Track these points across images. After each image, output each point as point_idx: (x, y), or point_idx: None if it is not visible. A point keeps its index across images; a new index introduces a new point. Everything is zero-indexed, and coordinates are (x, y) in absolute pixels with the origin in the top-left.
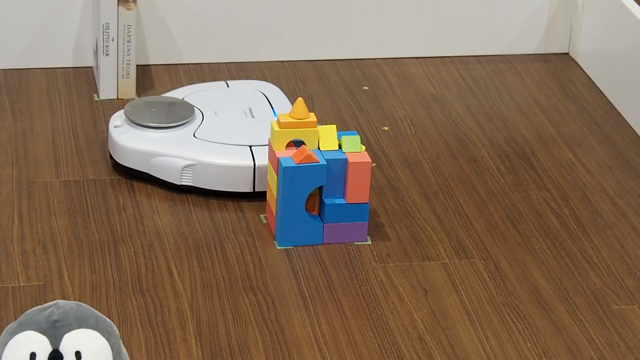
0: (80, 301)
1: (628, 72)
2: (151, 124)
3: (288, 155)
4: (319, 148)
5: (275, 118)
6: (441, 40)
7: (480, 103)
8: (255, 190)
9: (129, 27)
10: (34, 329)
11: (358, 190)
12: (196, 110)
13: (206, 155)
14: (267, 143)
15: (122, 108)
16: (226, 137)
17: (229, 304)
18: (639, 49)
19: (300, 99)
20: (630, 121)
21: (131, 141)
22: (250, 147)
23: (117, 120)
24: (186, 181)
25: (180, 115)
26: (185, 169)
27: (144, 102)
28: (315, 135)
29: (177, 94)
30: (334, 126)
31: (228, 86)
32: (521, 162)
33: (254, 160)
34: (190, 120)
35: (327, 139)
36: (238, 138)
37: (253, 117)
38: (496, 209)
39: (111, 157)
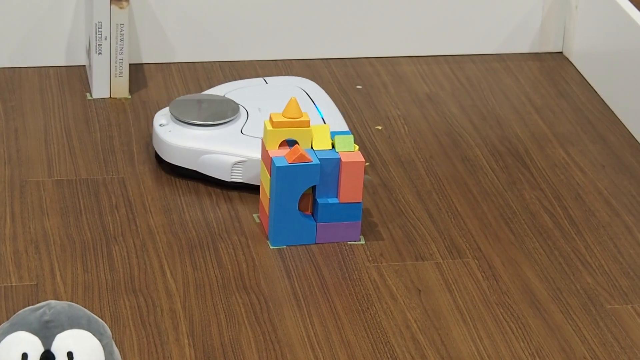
0: (72, 301)
1: (622, 72)
2: (198, 122)
3: (281, 155)
4: (312, 147)
5: (320, 115)
6: (435, 39)
7: (474, 102)
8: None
9: (122, 25)
10: (26, 329)
11: (351, 190)
12: (240, 107)
13: (257, 152)
14: None
15: (165, 106)
16: None
17: (222, 304)
18: (632, 48)
19: (293, 98)
20: (624, 121)
21: (179, 139)
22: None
23: (162, 118)
24: (236, 178)
25: (225, 112)
26: (235, 165)
27: (187, 100)
28: (309, 135)
29: (216, 91)
30: (327, 125)
31: (267, 83)
32: (515, 161)
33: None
34: (236, 117)
35: (320, 138)
36: None
37: None
38: (489, 209)
39: (156, 156)
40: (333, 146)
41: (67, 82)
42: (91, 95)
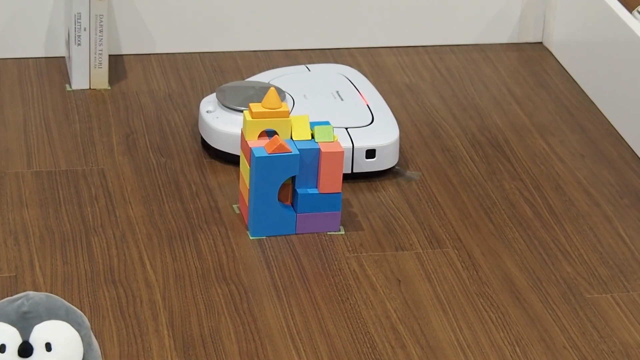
0: (51, 292)
1: (601, 62)
2: (246, 108)
3: (261, 145)
4: (291, 138)
5: (365, 102)
6: (415, 29)
7: (454, 92)
8: (353, 171)
9: (101, 16)
10: (4, 320)
11: (331, 180)
12: (286, 94)
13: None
14: (361, 124)
15: (212, 93)
16: (321, 119)
17: (202, 295)
18: (612, 38)
19: (272, 88)
20: (604, 110)
21: (227, 126)
22: (347, 129)
23: (209, 105)
24: None
25: None
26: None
27: (234, 87)
28: (288, 125)
29: (260, 78)
30: (307, 116)
31: (309, 70)
32: (494, 151)
33: (352, 141)
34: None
35: (299, 128)
36: (332, 120)
37: (342, 99)
38: (469, 199)
39: (202, 141)
40: (312, 136)
41: (47, 74)
42: (70, 87)
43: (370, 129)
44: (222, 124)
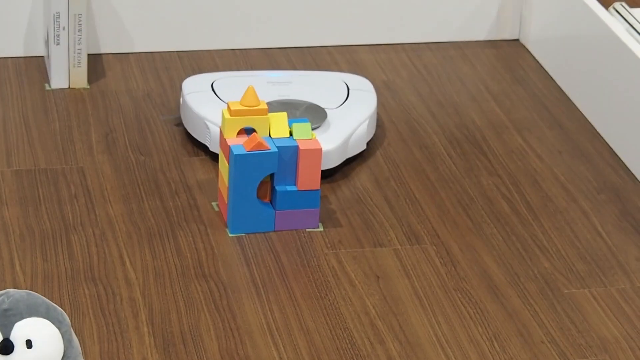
0: (32, 290)
1: (578, 58)
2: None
3: (239, 143)
4: (270, 135)
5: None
6: (392, 27)
7: (431, 90)
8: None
9: (80, 16)
10: None
11: (309, 177)
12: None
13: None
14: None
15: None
16: (338, 97)
17: (181, 292)
18: (588, 35)
19: (251, 86)
20: (580, 107)
21: None
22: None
23: None
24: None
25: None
26: (368, 129)
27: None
28: (266, 123)
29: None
30: (285, 114)
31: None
32: (472, 148)
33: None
34: (324, 124)
35: (278, 126)
36: (342, 92)
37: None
38: (447, 195)
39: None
40: (291, 134)
41: (26, 73)
42: (50, 86)
43: (352, 83)
44: None
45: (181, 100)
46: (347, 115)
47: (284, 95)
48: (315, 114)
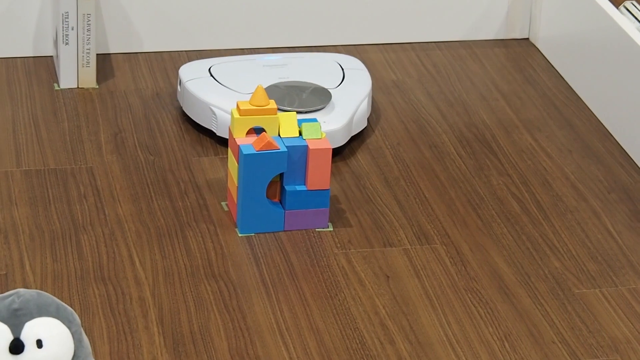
0: (42, 290)
1: (588, 57)
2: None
3: (248, 143)
4: (279, 135)
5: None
6: (401, 26)
7: (441, 89)
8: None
9: (89, 15)
10: None
11: (319, 177)
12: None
13: (362, 88)
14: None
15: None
16: (334, 77)
17: (191, 292)
18: (598, 34)
19: (260, 86)
20: (591, 106)
21: None
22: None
23: None
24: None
25: (317, 100)
26: (368, 107)
27: (284, 87)
28: (276, 122)
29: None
30: (294, 113)
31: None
32: (482, 147)
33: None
34: (329, 105)
35: (287, 126)
36: (337, 73)
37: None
38: (457, 195)
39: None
40: (300, 134)
41: (35, 73)
42: (59, 86)
43: (345, 63)
44: None
45: (179, 88)
46: (348, 94)
47: (284, 78)
48: (320, 96)
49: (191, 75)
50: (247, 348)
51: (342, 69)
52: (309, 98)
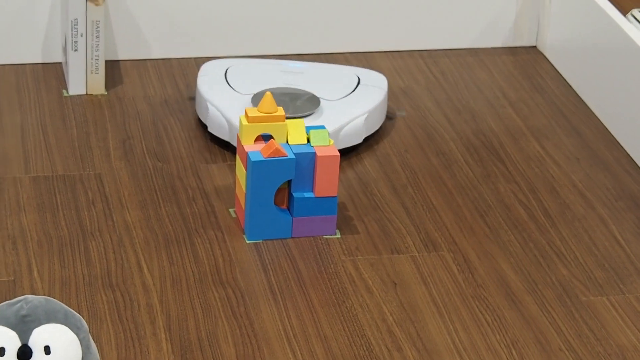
0: (49, 296)
1: (595, 65)
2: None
3: (257, 150)
4: (287, 142)
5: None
6: (409, 34)
7: (449, 96)
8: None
9: (98, 22)
10: (3, 324)
11: (327, 184)
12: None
13: (367, 104)
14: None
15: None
16: (342, 89)
17: (199, 298)
18: (606, 42)
19: (268, 93)
20: (598, 114)
21: None
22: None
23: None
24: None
25: (307, 106)
26: (364, 123)
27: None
28: (284, 129)
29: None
30: (302, 120)
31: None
32: (489, 154)
33: (382, 88)
34: (317, 111)
35: (295, 133)
36: (348, 85)
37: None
38: (464, 202)
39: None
40: (308, 140)
41: (44, 79)
42: (67, 92)
43: (364, 77)
44: None
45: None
46: (345, 108)
47: (290, 84)
48: (307, 103)
49: (208, 71)
50: (254, 355)
51: (358, 83)
52: (294, 105)
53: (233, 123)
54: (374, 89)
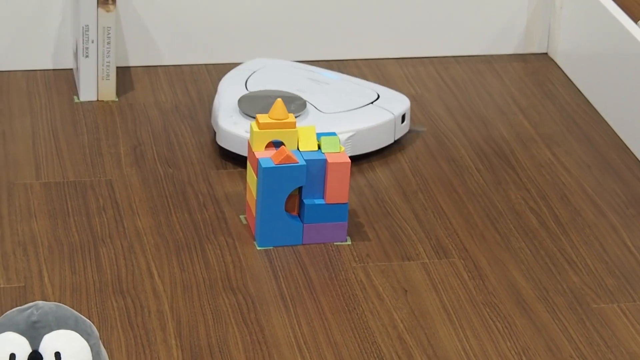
0: (60, 302)
1: (606, 72)
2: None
3: (267, 156)
4: (298, 149)
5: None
6: (420, 41)
7: (460, 103)
8: (395, 139)
9: (109, 28)
10: (14, 330)
11: (337, 191)
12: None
13: (361, 123)
14: (371, 100)
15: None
16: (347, 104)
17: (209, 305)
18: (617, 49)
19: (279, 99)
20: (609, 120)
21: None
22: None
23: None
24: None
25: (291, 108)
26: (347, 141)
27: (254, 97)
28: (295, 136)
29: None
30: (314, 127)
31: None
32: (500, 161)
33: (391, 112)
34: (303, 113)
35: (306, 139)
36: (358, 102)
37: (328, 84)
38: (475, 209)
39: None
40: (319, 147)
41: (55, 85)
42: (78, 98)
43: (384, 99)
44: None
45: None
46: (337, 122)
47: (304, 90)
48: (295, 106)
49: (239, 71)
50: None
51: (372, 103)
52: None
53: (221, 126)
54: (383, 111)
